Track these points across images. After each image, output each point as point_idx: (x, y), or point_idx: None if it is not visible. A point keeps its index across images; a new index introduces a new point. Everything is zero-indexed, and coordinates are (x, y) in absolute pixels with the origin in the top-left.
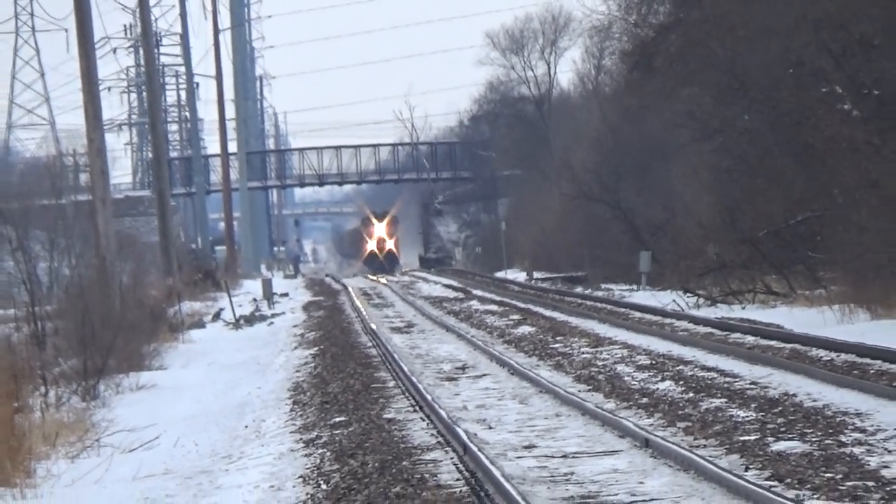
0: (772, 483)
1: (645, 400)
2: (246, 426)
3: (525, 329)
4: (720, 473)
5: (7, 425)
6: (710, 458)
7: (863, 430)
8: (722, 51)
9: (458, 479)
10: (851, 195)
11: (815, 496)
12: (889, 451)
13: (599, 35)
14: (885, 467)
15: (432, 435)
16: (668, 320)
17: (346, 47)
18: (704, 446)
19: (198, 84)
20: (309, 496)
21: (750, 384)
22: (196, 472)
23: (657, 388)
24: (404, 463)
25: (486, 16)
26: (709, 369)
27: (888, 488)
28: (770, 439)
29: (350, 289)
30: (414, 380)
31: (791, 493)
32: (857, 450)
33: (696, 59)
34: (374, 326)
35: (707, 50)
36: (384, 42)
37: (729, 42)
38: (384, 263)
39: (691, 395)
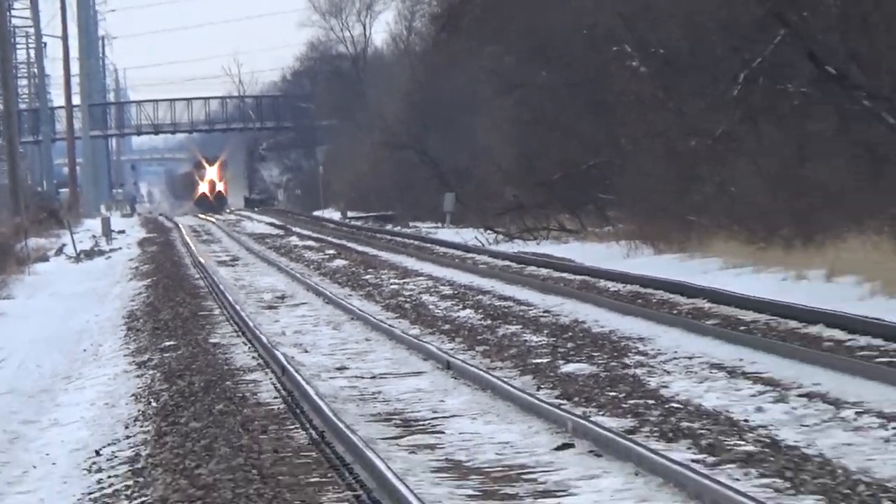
0: (561, 401)
1: (447, 326)
2: (84, 350)
3: (339, 262)
4: (514, 392)
5: None
6: (505, 379)
7: (644, 354)
8: (521, 14)
9: (276, 398)
10: (638, 144)
11: (600, 413)
12: (668, 373)
13: (410, 3)
14: (664, 387)
15: (253, 357)
16: (469, 255)
17: (182, 10)
18: (500, 368)
19: (46, 43)
20: (140, 412)
21: (543, 312)
22: (38, 391)
23: (459, 316)
24: (227, 383)
25: None
26: (506, 298)
27: (666, 406)
28: (560, 362)
29: (181, 226)
30: (238, 308)
31: (579, 410)
32: (639, 371)
33: (499, 20)
34: (202, 260)
35: (508, 13)
36: (218, 4)
37: (528, 5)
38: (214, 204)
39: (489, 322)
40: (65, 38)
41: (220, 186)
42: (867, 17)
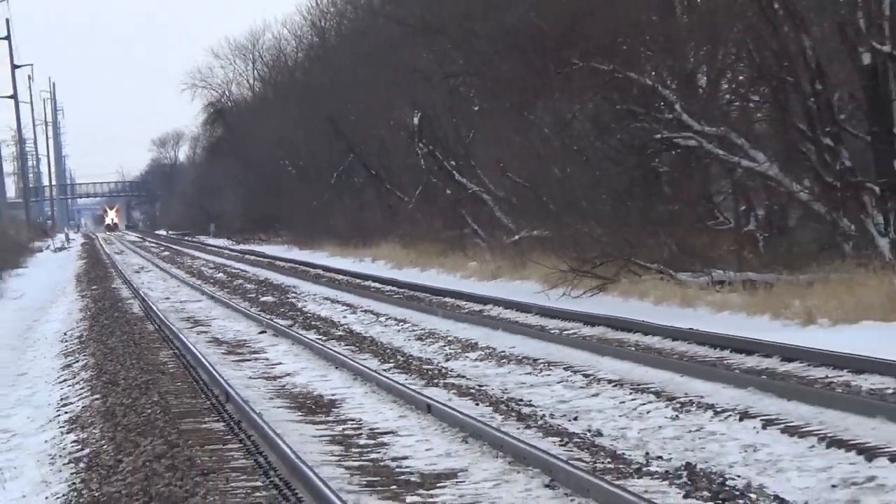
0: (261, 312)
1: (212, 281)
2: (58, 289)
3: (167, 252)
4: (241, 308)
5: None
6: (236, 303)
7: (295, 293)
8: (241, 149)
9: (140, 310)
10: (292, 203)
11: (277, 318)
12: (306, 302)
13: (195, 140)
14: (304, 308)
15: (131, 293)
16: (221, 250)
17: (97, 140)
18: (234, 298)
19: (40, 159)
20: (83, 315)
21: (252, 275)
22: (39, 306)
23: (216, 277)
24: (120, 304)
25: (152, 131)
26: (237, 269)
27: (305, 315)
28: (261, 296)
29: (99, 238)
30: (123, 271)
31: (266, 317)
32: (293, 301)
33: (230, 151)
34: (108, 252)
35: (234, 148)
36: (111, 135)
37: (248, 147)
38: (113, 228)
39: (229, 279)
40: (48, 157)
41: (116, 219)
42: (387, 144)
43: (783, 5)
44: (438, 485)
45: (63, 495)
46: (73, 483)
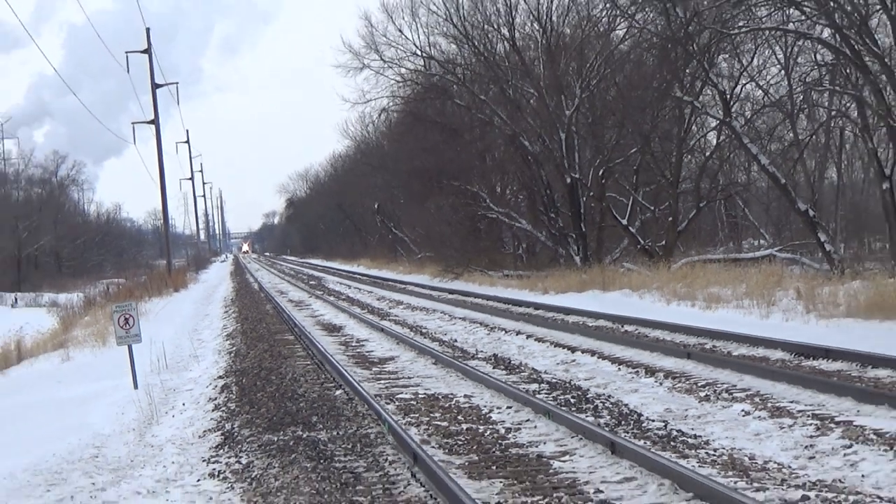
0: (309, 288)
1: (288, 274)
2: (222, 278)
3: (269, 263)
4: (301, 286)
5: (183, 278)
6: (299, 284)
7: (325, 280)
8: (302, 220)
9: (258, 287)
10: (323, 242)
11: (316, 291)
12: (330, 284)
13: (281, 214)
14: (329, 286)
15: (253, 280)
16: (293, 261)
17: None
18: (298, 282)
19: (214, 223)
20: (233, 289)
21: (306, 272)
22: (214, 285)
23: (289, 272)
24: (248, 285)
25: (263, 209)
26: (299, 269)
27: (329, 290)
28: (310, 281)
29: (240, 257)
30: (254, 274)
31: (312, 290)
32: (325, 283)
33: (297, 220)
34: (244, 263)
35: (299, 219)
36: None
37: (303, 218)
38: (246, 253)
39: (295, 273)
40: (217, 222)
41: (248, 249)
42: (364, 216)
43: (533, 158)
44: (387, 362)
45: (223, 367)
46: (228, 362)
